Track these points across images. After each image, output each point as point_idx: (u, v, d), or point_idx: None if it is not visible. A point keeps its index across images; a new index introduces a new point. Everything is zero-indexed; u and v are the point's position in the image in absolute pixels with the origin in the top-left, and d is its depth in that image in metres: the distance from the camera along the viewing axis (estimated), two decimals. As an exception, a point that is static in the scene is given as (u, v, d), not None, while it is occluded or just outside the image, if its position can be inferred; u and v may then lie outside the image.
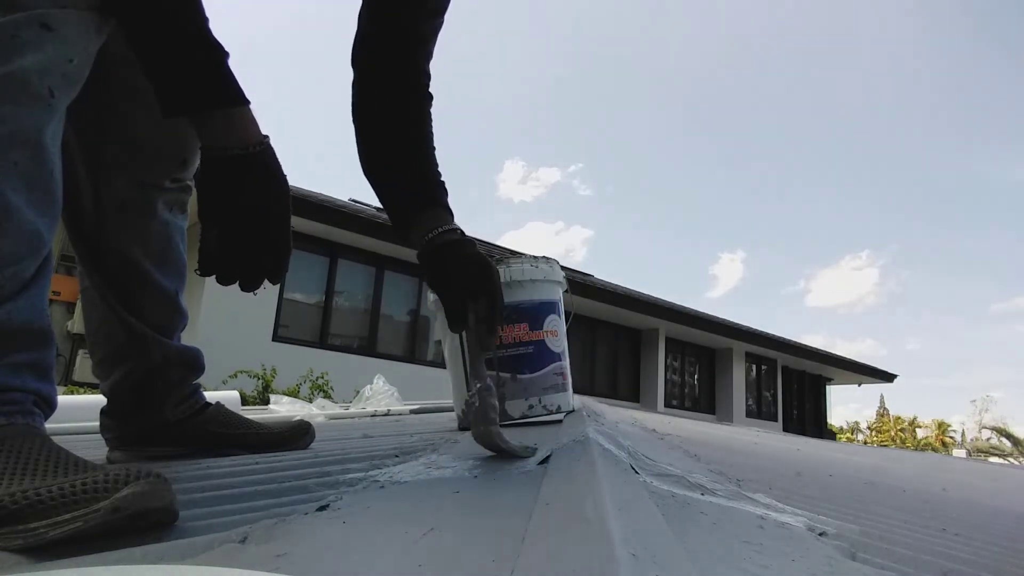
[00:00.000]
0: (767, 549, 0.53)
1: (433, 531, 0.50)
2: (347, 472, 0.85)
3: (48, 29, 0.61)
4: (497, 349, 1.38)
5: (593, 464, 0.72)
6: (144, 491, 0.50)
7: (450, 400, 1.55)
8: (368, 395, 2.73)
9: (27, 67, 0.60)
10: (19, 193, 0.60)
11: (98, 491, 0.50)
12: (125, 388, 1.07)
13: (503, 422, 1.38)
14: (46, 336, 0.65)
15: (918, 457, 4.74)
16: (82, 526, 0.49)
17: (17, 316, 0.61)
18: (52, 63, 0.62)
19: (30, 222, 0.61)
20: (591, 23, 71.91)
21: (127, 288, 1.02)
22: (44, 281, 0.65)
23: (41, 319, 0.64)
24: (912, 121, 65.77)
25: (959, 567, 0.67)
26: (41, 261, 0.64)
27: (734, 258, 68.34)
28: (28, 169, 0.60)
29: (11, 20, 0.60)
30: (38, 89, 0.61)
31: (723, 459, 1.51)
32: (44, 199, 0.63)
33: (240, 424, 1.18)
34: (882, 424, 34.47)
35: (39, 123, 0.61)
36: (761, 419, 13.77)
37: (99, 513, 0.49)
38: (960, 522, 1.13)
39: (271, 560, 0.44)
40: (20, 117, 0.60)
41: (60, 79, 0.63)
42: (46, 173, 0.63)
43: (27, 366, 0.63)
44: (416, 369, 8.42)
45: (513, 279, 1.41)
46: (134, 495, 0.50)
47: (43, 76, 0.61)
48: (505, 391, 1.37)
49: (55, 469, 0.55)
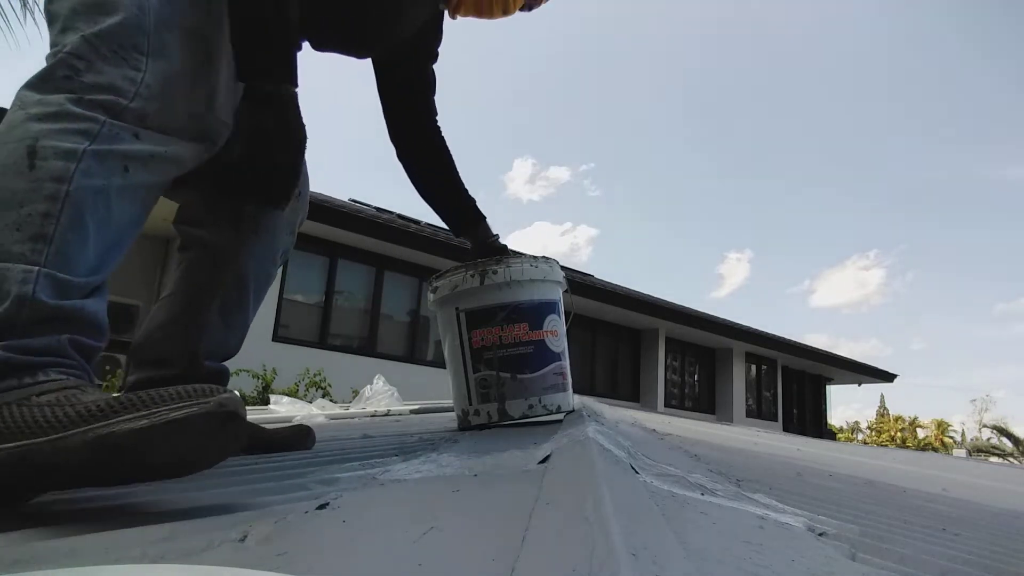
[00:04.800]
0: (767, 549, 0.53)
1: (433, 530, 0.50)
2: (347, 471, 0.85)
3: (137, 137, 0.83)
4: (497, 349, 1.38)
5: (593, 464, 0.72)
6: (237, 399, 0.64)
7: (450, 400, 1.54)
8: (368, 395, 2.73)
9: (119, 150, 0.80)
10: (97, 230, 0.77)
11: (205, 392, 0.62)
12: (148, 387, 1.10)
13: (503, 422, 1.38)
14: (104, 334, 0.79)
15: (918, 457, 4.74)
16: (197, 411, 0.60)
17: (89, 308, 0.76)
18: (136, 153, 0.82)
19: (98, 251, 0.78)
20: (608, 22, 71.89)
21: (227, 307, 1.17)
22: (104, 298, 0.80)
23: (104, 317, 0.79)
24: (922, 121, 65.77)
25: (959, 567, 0.67)
26: (101, 282, 0.80)
27: (741, 257, 68.43)
28: (104, 216, 0.78)
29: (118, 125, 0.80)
30: (118, 165, 0.80)
31: (723, 459, 1.51)
32: (106, 241, 0.79)
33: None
34: (882, 424, 34.46)
35: (114, 187, 0.80)
36: (761, 419, 13.76)
37: (209, 404, 0.61)
38: (960, 522, 1.13)
39: (271, 560, 0.44)
40: (106, 180, 0.78)
41: (138, 162, 0.82)
42: (112, 226, 0.80)
43: (87, 352, 0.75)
44: (416, 369, 8.42)
45: (513, 279, 1.40)
46: (232, 399, 0.63)
47: (125, 158, 0.81)
48: (505, 391, 1.37)
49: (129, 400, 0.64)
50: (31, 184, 0.73)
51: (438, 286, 1.45)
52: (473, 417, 1.40)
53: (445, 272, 1.45)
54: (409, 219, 9.35)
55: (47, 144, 0.75)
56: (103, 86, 0.80)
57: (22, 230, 0.71)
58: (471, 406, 1.41)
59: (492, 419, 1.38)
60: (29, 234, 0.71)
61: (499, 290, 1.40)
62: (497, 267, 1.40)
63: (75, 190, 0.75)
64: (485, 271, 1.40)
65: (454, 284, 1.41)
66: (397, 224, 8.24)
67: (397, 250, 8.28)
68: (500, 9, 1.39)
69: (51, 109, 0.77)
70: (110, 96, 0.81)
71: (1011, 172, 59.79)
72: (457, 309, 1.42)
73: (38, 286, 0.69)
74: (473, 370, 1.40)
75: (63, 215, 0.73)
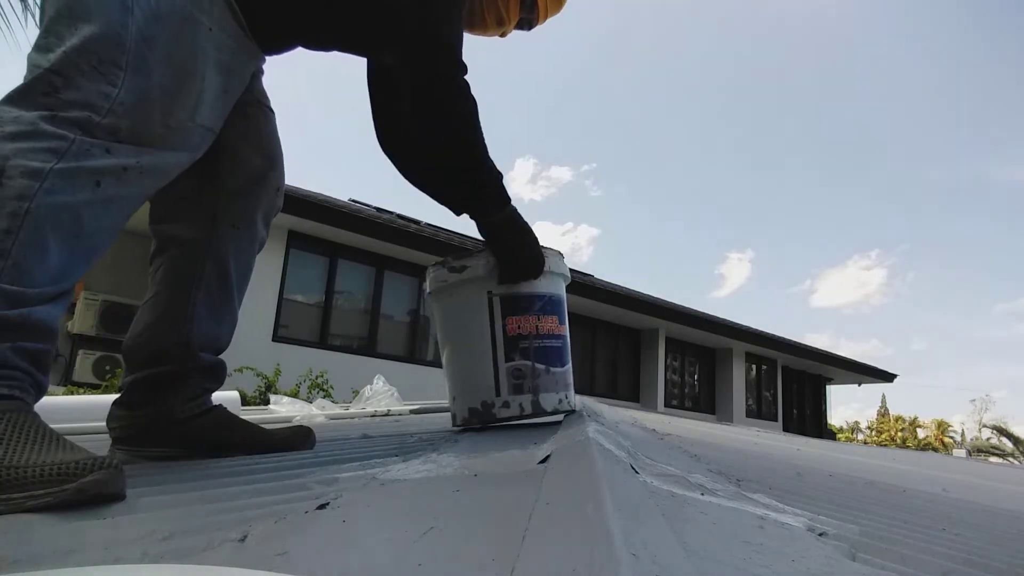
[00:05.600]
0: (767, 549, 0.53)
1: (433, 530, 0.50)
2: (347, 471, 0.85)
3: (108, 153, 0.87)
4: (534, 339, 1.33)
5: (593, 464, 0.72)
6: (104, 479, 0.66)
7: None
8: (368, 395, 2.73)
9: (88, 167, 0.84)
10: (58, 244, 0.82)
11: (69, 474, 0.65)
12: (147, 385, 1.13)
13: (537, 415, 1.32)
14: (52, 336, 0.83)
15: (918, 457, 4.74)
16: (52, 501, 0.64)
17: (35, 315, 0.79)
18: (107, 168, 0.86)
19: (58, 266, 0.82)
20: (609, 22, 71.89)
21: (212, 298, 1.17)
22: (63, 303, 0.84)
23: (53, 324, 0.83)
24: (927, 122, 65.75)
25: (959, 567, 0.67)
26: (64, 290, 0.84)
27: (742, 257, 68.47)
28: (69, 229, 0.83)
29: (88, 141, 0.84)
30: (91, 181, 0.84)
31: (723, 459, 1.51)
32: (76, 254, 0.84)
33: (242, 428, 1.18)
34: (882, 424, 34.45)
35: (83, 200, 0.84)
36: (761, 419, 13.76)
37: (66, 493, 0.64)
38: (960, 522, 1.13)
39: (271, 559, 0.44)
40: (73, 196, 0.83)
41: (112, 179, 0.87)
42: (76, 235, 0.84)
43: (30, 354, 0.79)
44: (416, 369, 8.42)
45: (551, 270, 1.37)
46: (95, 482, 0.65)
47: (98, 174, 0.85)
48: (540, 383, 1.32)
49: (41, 446, 0.70)
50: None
51: (467, 265, 1.32)
52: (501, 409, 1.31)
53: (466, 253, 1.35)
54: (409, 219, 9.34)
55: (16, 163, 0.79)
56: (78, 103, 0.84)
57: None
58: (499, 397, 1.31)
59: (524, 412, 1.31)
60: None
61: (538, 279, 1.35)
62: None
63: (36, 207, 0.79)
64: None
65: (492, 265, 1.31)
66: (397, 224, 8.23)
67: (397, 250, 8.28)
68: (495, 27, 1.38)
69: (24, 128, 0.81)
70: (84, 112, 0.84)
71: (1013, 173, 59.80)
72: (491, 293, 1.32)
73: None
74: (506, 359, 1.31)
75: (22, 231, 0.78)
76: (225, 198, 1.19)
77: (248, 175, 1.21)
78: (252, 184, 1.22)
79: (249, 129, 1.21)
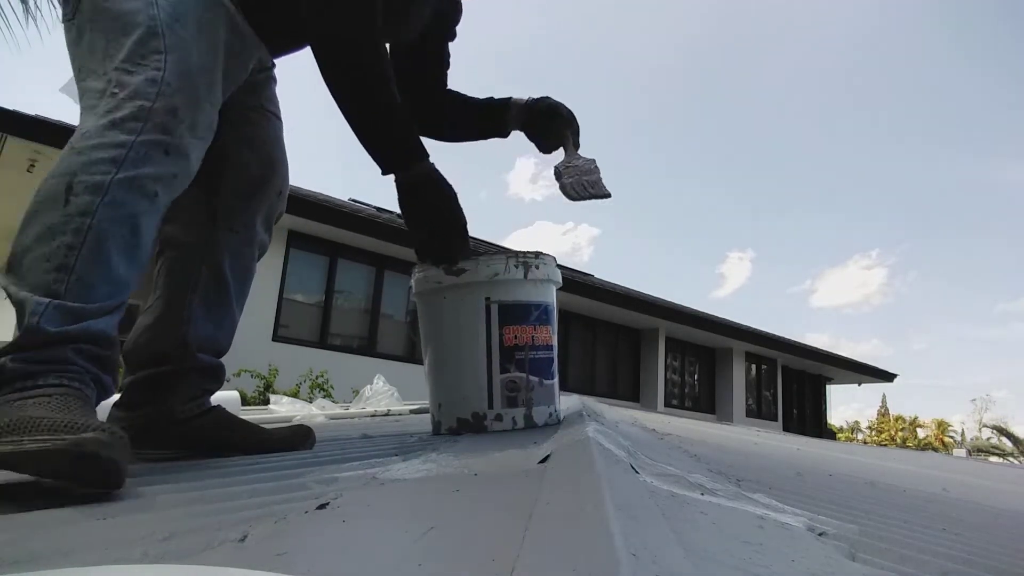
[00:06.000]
0: (767, 549, 0.53)
1: (433, 530, 0.50)
2: (347, 471, 0.85)
3: (167, 154, 0.91)
4: (529, 350, 1.28)
5: (593, 464, 0.72)
6: (104, 440, 0.67)
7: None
8: (368, 395, 2.73)
9: (145, 174, 0.89)
10: (119, 257, 0.87)
11: (75, 428, 0.67)
12: (146, 385, 1.13)
13: (528, 429, 1.25)
14: (114, 344, 0.88)
15: (918, 457, 4.74)
16: (49, 447, 0.66)
17: (94, 328, 0.85)
18: (163, 174, 0.91)
19: (120, 277, 0.88)
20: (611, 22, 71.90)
21: (208, 302, 1.18)
22: (120, 313, 0.90)
23: (112, 334, 0.88)
24: (928, 121, 65.77)
25: (959, 567, 0.67)
26: (123, 301, 0.89)
27: (743, 257, 68.46)
28: (129, 242, 0.88)
29: (147, 140, 0.88)
30: (149, 190, 0.89)
31: (723, 459, 1.51)
32: (132, 264, 0.89)
33: (241, 428, 1.19)
34: (882, 424, 34.45)
35: (143, 211, 0.89)
36: (761, 419, 13.76)
37: (65, 442, 0.65)
38: (960, 522, 1.13)
39: (271, 559, 0.44)
40: (134, 206, 0.88)
41: (164, 185, 0.91)
42: (137, 245, 0.89)
43: (94, 356, 0.85)
44: (416, 369, 8.35)
45: (550, 278, 1.32)
46: (95, 439, 0.66)
47: (154, 182, 0.90)
48: (533, 396, 1.27)
49: (69, 412, 0.72)
50: (63, 218, 0.84)
51: (466, 269, 1.26)
52: (494, 423, 1.25)
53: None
54: (409, 219, 9.32)
55: (81, 179, 0.85)
56: (130, 96, 0.90)
57: (50, 260, 0.83)
58: (491, 409, 1.25)
59: (517, 425, 1.25)
60: (55, 264, 0.83)
61: (536, 287, 1.30)
62: (537, 261, 1.30)
63: (98, 222, 0.84)
64: (528, 263, 1.28)
65: (493, 271, 1.25)
66: (397, 224, 8.23)
67: (397, 250, 8.27)
68: None
69: (89, 141, 0.87)
70: (136, 103, 0.90)
71: (1014, 173, 59.83)
72: (488, 299, 1.26)
73: (44, 318, 0.80)
74: (501, 370, 1.25)
75: (85, 246, 0.84)
76: (223, 202, 1.19)
77: (247, 179, 1.22)
78: (251, 188, 1.22)
79: (250, 134, 1.22)
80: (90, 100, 0.92)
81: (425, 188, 1.17)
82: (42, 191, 0.87)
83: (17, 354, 0.79)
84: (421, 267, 1.35)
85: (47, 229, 0.84)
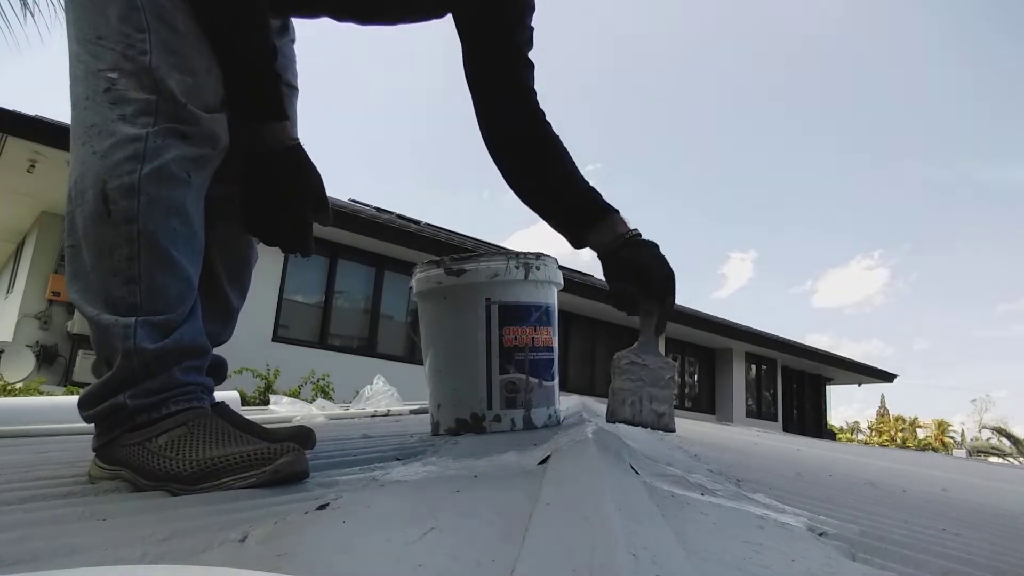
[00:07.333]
0: (767, 549, 0.53)
1: (433, 531, 0.50)
2: (347, 472, 0.85)
3: (184, 137, 0.86)
4: (529, 351, 1.27)
5: (593, 464, 0.72)
6: (294, 460, 0.75)
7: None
8: (368, 395, 2.73)
9: (169, 160, 0.84)
10: (179, 250, 0.84)
11: (266, 458, 0.75)
12: None
13: (528, 431, 1.25)
14: (206, 349, 0.89)
15: (918, 457, 4.74)
16: (255, 481, 0.73)
17: (186, 337, 0.85)
18: (187, 156, 0.86)
19: (186, 270, 0.85)
20: (612, 21, 71.99)
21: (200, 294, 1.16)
22: (198, 311, 0.89)
23: (201, 338, 0.88)
24: (930, 121, 65.83)
25: (959, 567, 0.67)
26: (195, 299, 0.88)
27: (745, 257, 68.48)
28: (183, 232, 0.85)
29: (160, 130, 0.84)
30: (179, 174, 0.85)
31: (723, 459, 1.51)
32: (193, 252, 0.87)
33: (242, 427, 1.18)
34: (882, 424, 34.45)
35: (184, 196, 0.85)
36: (761, 419, 13.76)
37: (266, 474, 0.73)
38: (960, 522, 1.13)
39: (271, 560, 0.44)
40: (172, 195, 0.84)
41: (193, 164, 0.87)
42: (192, 233, 0.87)
43: (195, 369, 0.86)
44: (416, 369, 8.37)
45: (551, 279, 1.31)
46: (288, 463, 0.75)
47: (182, 165, 0.85)
48: (532, 397, 1.27)
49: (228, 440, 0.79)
50: (113, 230, 0.81)
51: (466, 269, 1.25)
52: (492, 423, 1.25)
53: (464, 256, 1.29)
54: (409, 219, 9.35)
55: (113, 185, 0.82)
56: (133, 84, 0.84)
57: (118, 275, 0.81)
58: (490, 410, 1.25)
59: (516, 427, 1.25)
60: (123, 278, 0.81)
61: (537, 288, 1.30)
62: (538, 262, 1.29)
63: (144, 224, 0.82)
64: (529, 265, 1.27)
65: (493, 272, 1.25)
66: (397, 224, 8.24)
67: (397, 250, 8.28)
68: None
69: (106, 139, 0.83)
70: (135, 93, 0.84)
71: (1014, 173, 59.87)
72: (488, 300, 1.26)
73: (137, 337, 0.80)
74: (500, 371, 1.25)
75: (142, 254, 0.82)
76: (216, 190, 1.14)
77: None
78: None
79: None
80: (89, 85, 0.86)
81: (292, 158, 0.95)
82: (85, 205, 0.83)
83: (131, 389, 0.80)
84: (422, 267, 1.35)
85: (102, 243, 0.82)
